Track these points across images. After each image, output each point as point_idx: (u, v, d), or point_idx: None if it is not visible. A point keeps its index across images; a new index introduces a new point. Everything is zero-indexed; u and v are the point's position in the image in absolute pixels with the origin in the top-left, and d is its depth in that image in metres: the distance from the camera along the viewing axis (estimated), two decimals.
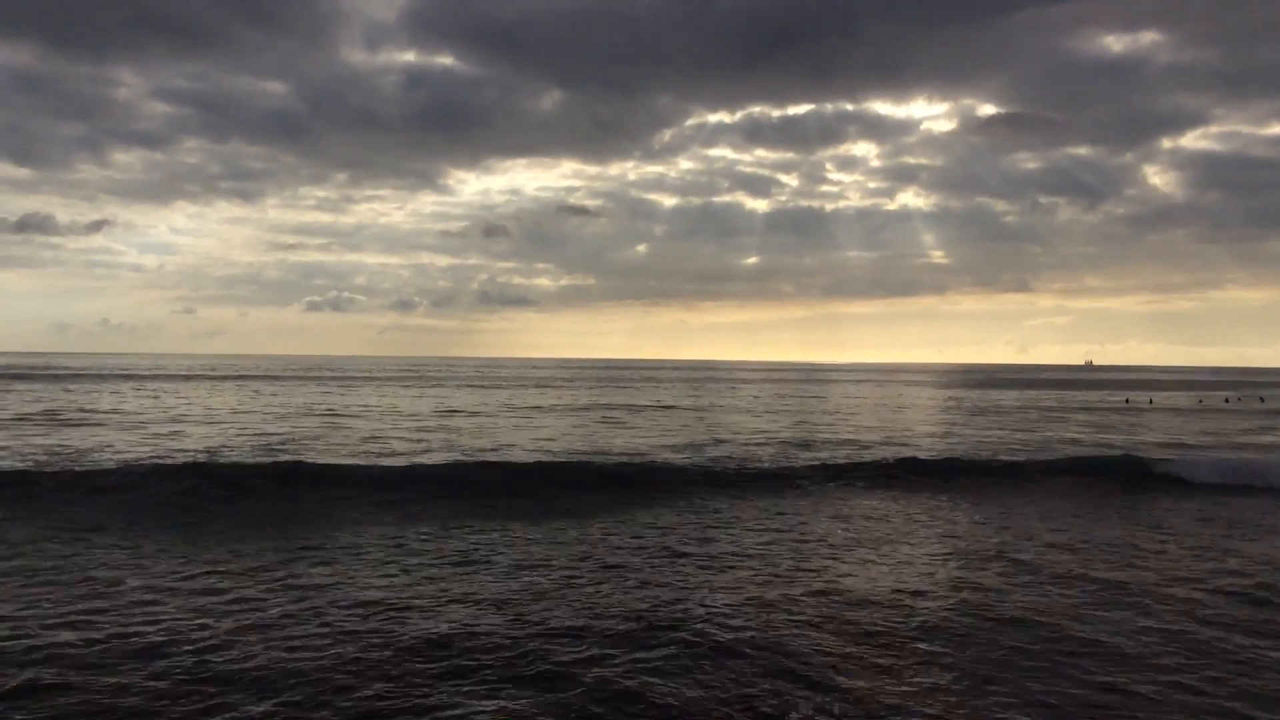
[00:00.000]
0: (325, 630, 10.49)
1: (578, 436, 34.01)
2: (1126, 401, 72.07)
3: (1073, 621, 11.34)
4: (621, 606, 11.71)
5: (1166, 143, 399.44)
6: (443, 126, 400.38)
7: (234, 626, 10.58)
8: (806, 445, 31.64)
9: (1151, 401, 71.41)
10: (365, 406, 49.22)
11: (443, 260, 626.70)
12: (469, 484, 21.43)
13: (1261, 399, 76.45)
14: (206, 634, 10.25)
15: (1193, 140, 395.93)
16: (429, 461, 25.00)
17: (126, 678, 8.91)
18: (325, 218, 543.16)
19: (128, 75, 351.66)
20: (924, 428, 41.23)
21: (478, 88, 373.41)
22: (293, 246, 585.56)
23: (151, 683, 8.80)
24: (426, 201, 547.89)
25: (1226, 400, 73.40)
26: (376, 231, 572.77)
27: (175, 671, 9.10)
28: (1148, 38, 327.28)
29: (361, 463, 24.36)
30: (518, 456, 26.60)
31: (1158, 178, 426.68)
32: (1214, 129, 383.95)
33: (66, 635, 10.16)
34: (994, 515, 19.50)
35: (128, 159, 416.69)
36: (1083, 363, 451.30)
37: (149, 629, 10.46)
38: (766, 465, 25.46)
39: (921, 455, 28.46)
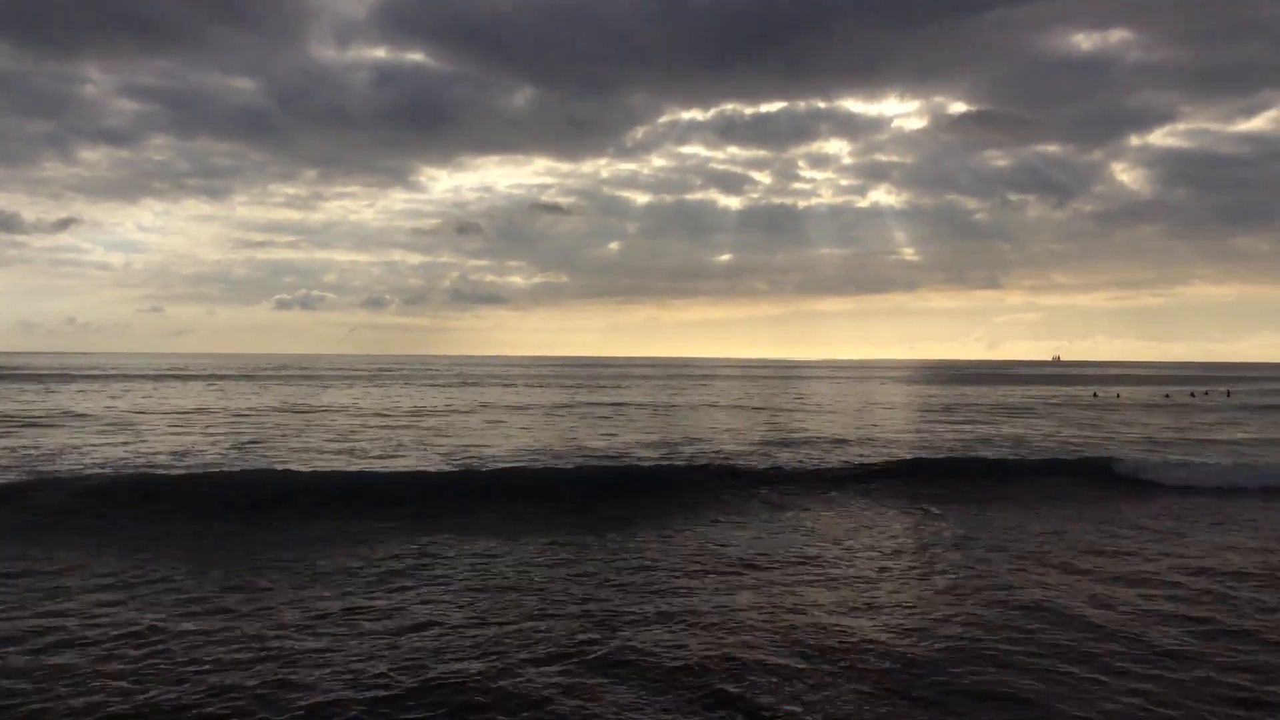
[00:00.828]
0: (267, 638, 10.31)
1: (551, 436, 33.83)
2: (1095, 395, 72.74)
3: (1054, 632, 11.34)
4: (590, 626, 11.59)
5: (1135, 140, 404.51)
6: (414, 123, 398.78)
7: (175, 630, 10.38)
8: (784, 444, 31.62)
9: (1119, 396, 72.11)
10: (335, 405, 48.77)
11: (414, 258, 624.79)
12: (438, 489, 21.11)
13: (1228, 393, 77.36)
14: (146, 634, 10.05)
15: (1161, 137, 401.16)
16: (399, 466, 24.79)
17: (56, 677, 8.72)
18: (294, 215, 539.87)
19: (95, 72, 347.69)
20: (899, 426, 41.39)
21: (449, 85, 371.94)
22: (261, 244, 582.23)
23: (97, 671, 8.62)
24: (398, 199, 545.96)
25: (1192, 395, 74.22)
26: (347, 229, 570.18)
27: (102, 670, 8.92)
28: (1117, 36, 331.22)
29: (329, 466, 24.09)
30: (490, 457, 26.41)
31: (1126, 175, 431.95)
32: (1181, 126, 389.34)
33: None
34: (971, 519, 19.58)
35: (95, 156, 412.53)
36: (1051, 358, 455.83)
37: (87, 630, 10.31)
38: (743, 465, 25.24)
39: (899, 454, 28.57)
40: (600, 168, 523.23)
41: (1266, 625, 11.20)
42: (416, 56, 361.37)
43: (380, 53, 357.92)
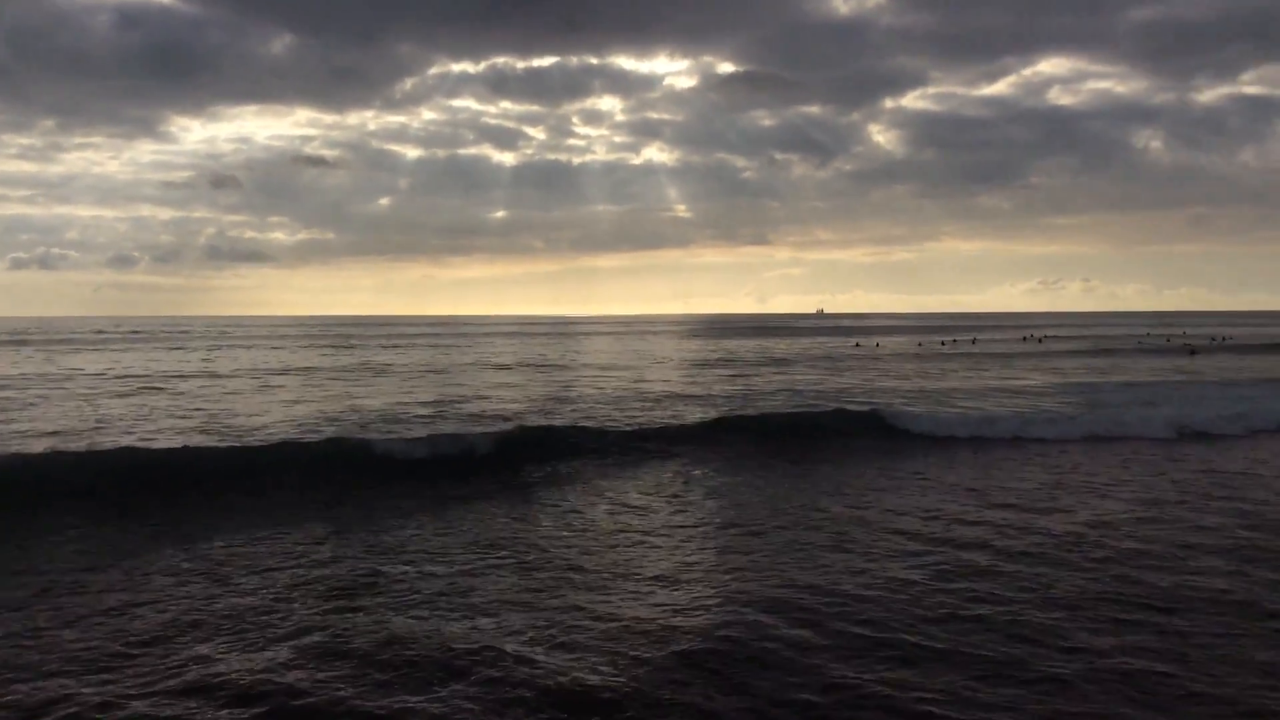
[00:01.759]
0: None
1: (317, 402, 32.03)
2: (856, 345, 76.79)
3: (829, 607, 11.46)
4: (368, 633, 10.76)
5: (889, 103, 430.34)
6: (162, 70, 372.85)
7: None
8: (563, 402, 31.30)
9: (878, 346, 76.36)
10: (77, 372, 44.44)
11: (165, 213, 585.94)
12: (192, 465, 19.23)
13: (974, 341, 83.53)
14: None
15: (912, 100, 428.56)
16: (148, 440, 22.67)
17: None
18: (30, 167, 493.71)
19: None
20: (676, 381, 42.01)
21: (200, 29, 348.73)
22: None
23: None
24: (145, 150, 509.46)
25: (943, 344, 79.51)
26: (89, 182, 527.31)
27: None
28: (872, 1, 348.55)
29: (63, 443, 21.68)
30: (248, 428, 24.61)
31: (881, 136, 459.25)
32: (931, 90, 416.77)
33: None
34: (744, 473, 19.84)
35: None
36: (814, 311, 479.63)
37: None
38: (525, 425, 24.48)
39: (678, 410, 28.89)
40: (367, 120, 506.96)
41: (1008, 547, 12.51)
42: None
43: None
